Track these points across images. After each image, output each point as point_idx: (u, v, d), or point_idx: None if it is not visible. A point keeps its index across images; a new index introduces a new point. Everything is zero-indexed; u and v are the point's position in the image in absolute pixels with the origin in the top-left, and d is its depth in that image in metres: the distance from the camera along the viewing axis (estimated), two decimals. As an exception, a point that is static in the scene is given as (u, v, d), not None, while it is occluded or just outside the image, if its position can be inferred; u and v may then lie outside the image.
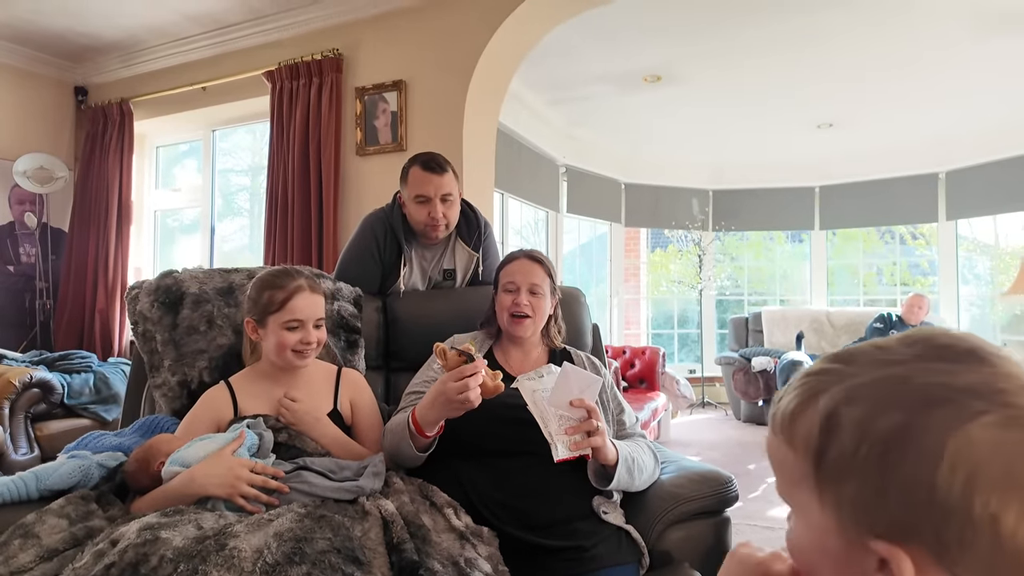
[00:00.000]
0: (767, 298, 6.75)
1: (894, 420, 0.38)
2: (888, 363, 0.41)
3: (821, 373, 0.44)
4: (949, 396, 0.38)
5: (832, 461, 0.40)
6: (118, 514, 1.15)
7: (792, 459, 0.43)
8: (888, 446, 0.38)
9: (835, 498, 0.40)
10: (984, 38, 3.45)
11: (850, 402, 0.41)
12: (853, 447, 0.39)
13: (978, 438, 0.36)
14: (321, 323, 1.39)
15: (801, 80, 4.07)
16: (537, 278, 1.48)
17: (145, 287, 1.64)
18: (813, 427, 0.42)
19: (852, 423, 0.40)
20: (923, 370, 0.40)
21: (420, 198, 1.80)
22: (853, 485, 0.39)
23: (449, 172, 1.82)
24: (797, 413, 0.44)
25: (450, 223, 1.86)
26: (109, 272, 3.80)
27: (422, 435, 1.25)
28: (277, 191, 3.23)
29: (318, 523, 1.05)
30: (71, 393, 3.10)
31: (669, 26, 3.39)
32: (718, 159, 6.00)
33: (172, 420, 1.47)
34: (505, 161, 4.29)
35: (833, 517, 0.41)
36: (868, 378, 0.41)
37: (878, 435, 0.38)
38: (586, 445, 1.21)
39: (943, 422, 0.37)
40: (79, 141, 4.04)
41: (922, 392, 0.39)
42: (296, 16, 3.26)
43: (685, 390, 4.46)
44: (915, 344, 0.42)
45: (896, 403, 0.39)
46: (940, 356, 0.40)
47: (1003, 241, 5.80)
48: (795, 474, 0.43)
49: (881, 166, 5.72)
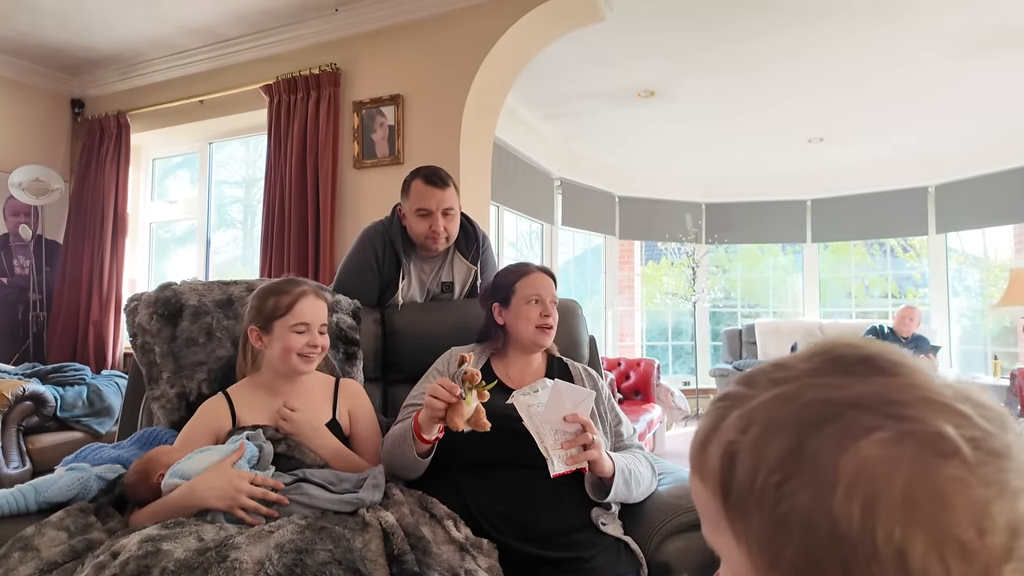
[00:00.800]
0: (760, 310, 6.79)
1: (783, 444, 0.35)
2: (781, 381, 0.38)
3: (725, 399, 0.41)
4: (837, 412, 0.34)
5: (735, 495, 0.37)
6: (117, 526, 1.15)
7: (706, 496, 0.39)
8: (782, 474, 0.34)
9: (745, 535, 0.36)
10: (969, 55, 3.52)
11: (744, 429, 0.37)
12: (750, 478, 0.36)
13: (871, 457, 0.32)
14: (325, 329, 1.41)
15: (792, 95, 4.13)
16: (554, 294, 1.52)
17: (144, 299, 1.64)
18: (715, 460, 0.38)
19: (747, 451, 0.36)
20: (813, 385, 0.36)
21: (422, 211, 1.82)
22: (756, 519, 0.35)
23: (451, 186, 1.84)
24: (704, 445, 0.40)
25: (450, 236, 1.88)
26: (104, 284, 3.79)
27: (421, 439, 1.26)
28: (274, 203, 3.24)
29: (319, 535, 1.06)
30: (64, 406, 3.08)
31: (662, 43, 3.44)
32: (711, 172, 6.07)
33: (170, 432, 1.47)
34: (501, 174, 4.32)
35: (746, 557, 0.36)
36: (761, 400, 0.38)
37: (771, 462, 0.35)
38: (582, 459, 1.22)
39: (832, 442, 0.33)
40: (75, 153, 4.04)
41: (809, 410, 0.35)
42: (294, 31, 3.29)
43: (680, 402, 4.47)
44: (811, 358, 0.39)
45: (784, 424, 0.35)
46: (832, 369, 0.37)
47: (992, 254, 5.87)
48: (711, 512, 0.39)
49: (872, 180, 5.79)
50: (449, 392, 1.18)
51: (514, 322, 1.49)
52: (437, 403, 1.19)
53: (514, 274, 1.53)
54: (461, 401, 1.19)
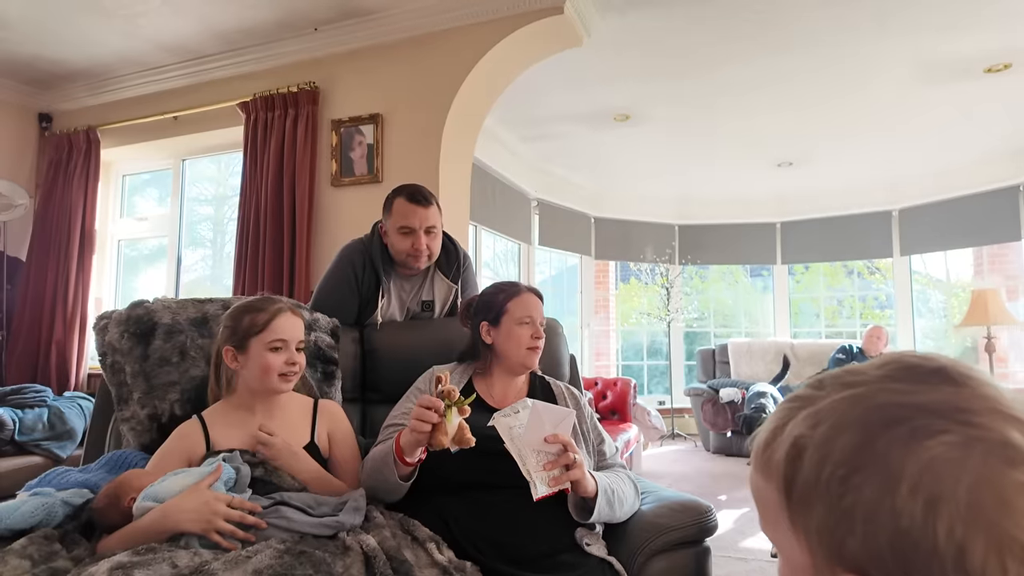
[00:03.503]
0: (732, 330, 6.89)
1: (851, 440, 0.37)
2: (852, 384, 0.40)
3: (793, 400, 0.43)
4: (905, 415, 0.36)
5: (800, 488, 0.39)
6: (84, 554, 1.10)
7: (768, 492, 0.42)
8: (848, 468, 0.36)
9: (805, 528, 0.38)
10: (929, 84, 3.68)
11: (814, 426, 0.39)
12: (816, 471, 0.38)
13: (938, 458, 0.34)
14: (302, 347, 1.38)
15: (762, 121, 4.25)
16: (543, 313, 1.52)
17: (115, 317, 1.60)
18: (781, 455, 0.40)
19: (814, 446, 0.38)
20: (884, 390, 0.38)
21: (404, 229, 1.81)
22: (819, 512, 0.37)
23: (434, 205, 1.83)
24: (769, 443, 0.42)
25: (433, 254, 1.87)
26: (68, 303, 3.67)
27: (403, 462, 1.24)
28: (249, 221, 3.20)
29: (298, 559, 1.03)
30: (23, 429, 2.95)
31: (637, 69, 3.52)
32: (684, 195, 6.18)
33: (141, 455, 1.42)
34: (479, 194, 4.34)
35: (806, 549, 0.38)
36: (831, 400, 0.40)
37: (837, 457, 0.37)
38: (565, 479, 1.21)
39: (900, 441, 0.35)
40: (41, 168, 3.94)
41: (879, 411, 0.37)
42: (272, 49, 3.28)
43: (656, 421, 4.49)
44: (885, 365, 0.41)
45: (853, 423, 0.37)
46: (905, 377, 0.39)
47: (953, 276, 6.07)
48: (772, 508, 0.41)
49: (838, 203, 5.97)
50: (432, 411, 1.17)
51: (504, 342, 1.47)
52: (423, 426, 1.18)
53: (504, 293, 1.51)
54: (443, 420, 1.18)
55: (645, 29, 3.08)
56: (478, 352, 1.52)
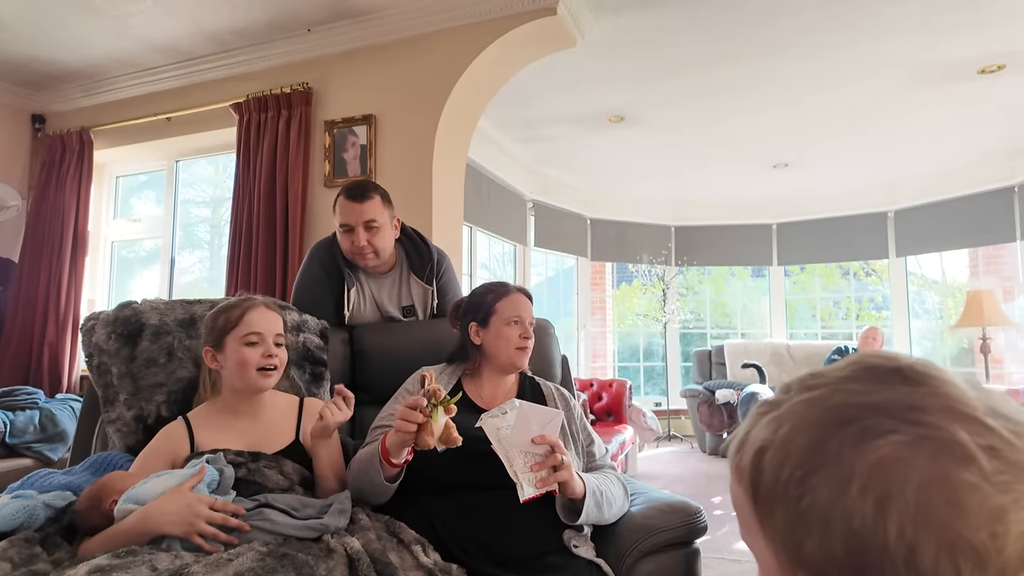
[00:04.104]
0: (728, 331, 6.89)
1: (807, 441, 0.37)
2: (813, 387, 0.40)
3: (762, 405, 0.43)
4: (858, 414, 0.36)
5: (764, 491, 0.39)
6: (64, 557, 1.09)
7: (740, 496, 0.42)
8: (805, 470, 0.36)
9: (771, 531, 0.38)
10: (924, 85, 3.68)
11: (776, 429, 0.39)
12: (776, 474, 0.38)
13: (886, 457, 0.34)
14: (281, 341, 1.36)
15: (757, 122, 4.25)
16: (532, 313, 1.51)
17: (102, 318, 1.59)
18: (748, 458, 0.41)
19: (774, 449, 0.39)
20: (841, 391, 0.39)
21: (344, 227, 1.79)
22: (780, 515, 0.37)
23: (374, 199, 1.78)
24: (739, 448, 0.42)
25: (378, 251, 1.82)
26: (61, 304, 3.66)
27: (389, 463, 1.23)
28: (242, 222, 3.18)
29: (280, 562, 1.02)
30: (13, 431, 2.94)
31: (632, 70, 3.52)
32: (680, 196, 6.18)
33: (126, 457, 1.40)
34: (474, 195, 4.33)
35: (773, 553, 0.38)
36: (792, 402, 0.40)
37: (795, 459, 0.37)
38: (552, 481, 1.20)
39: (851, 441, 0.35)
40: (34, 169, 3.93)
41: (834, 412, 0.37)
42: (265, 50, 3.27)
43: (652, 423, 4.48)
44: (847, 367, 0.41)
45: (810, 425, 0.38)
46: (864, 377, 0.39)
47: (949, 277, 6.08)
48: (745, 512, 0.41)
49: (834, 205, 5.97)
50: (416, 411, 1.16)
51: (493, 342, 1.46)
52: (408, 426, 1.17)
53: (493, 293, 1.51)
54: (428, 420, 1.17)
55: (639, 30, 3.08)
56: (467, 353, 1.51)
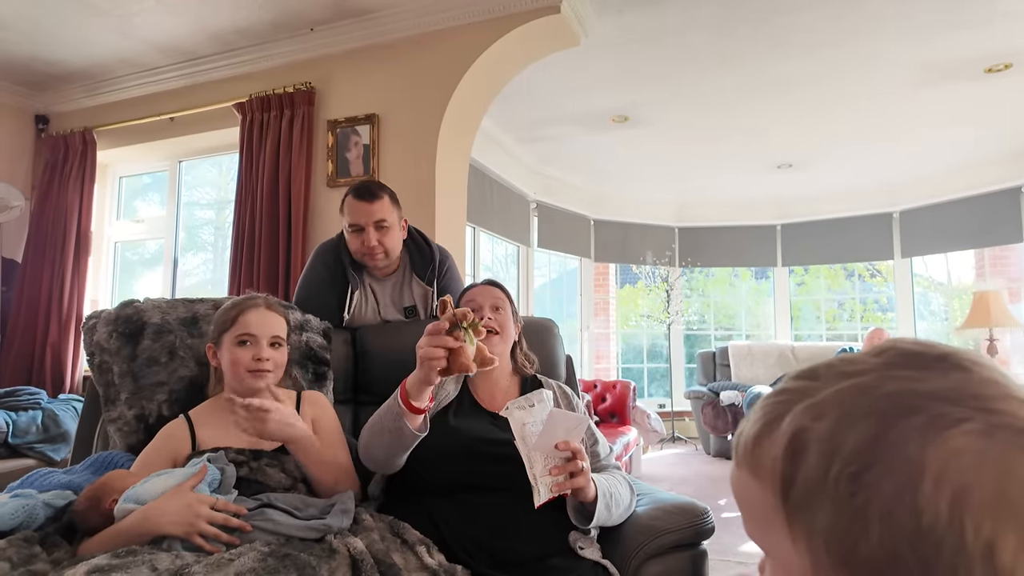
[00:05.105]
0: (733, 333, 6.86)
1: (863, 432, 0.34)
2: (854, 374, 0.37)
3: (784, 392, 0.39)
4: (921, 403, 0.34)
5: (801, 488, 0.35)
6: (64, 557, 1.07)
7: (758, 492, 0.38)
8: (861, 464, 0.33)
9: (807, 531, 0.35)
10: (929, 85, 3.65)
11: (816, 419, 0.36)
12: (822, 469, 0.34)
13: (962, 448, 0.32)
14: (279, 342, 1.34)
15: (761, 123, 4.23)
16: (498, 299, 1.48)
17: (104, 317, 1.58)
18: (778, 452, 0.37)
19: (819, 441, 0.35)
20: (891, 377, 0.36)
21: (353, 227, 1.78)
22: (826, 513, 0.34)
23: (383, 199, 1.78)
24: (760, 438, 0.39)
25: (388, 251, 1.81)
26: (64, 304, 3.66)
27: (410, 407, 1.17)
28: (244, 222, 3.18)
29: (282, 562, 1.00)
30: (16, 432, 2.93)
31: (635, 70, 3.50)
32: (684, 197, 6.16)
33: (127, 456, 1.39)
34: (477, 196, 4.32)
35: (807, 555, 0.35)
36: (832, 390, 0.37)
37: (848, 452, 0.34)
38: (569, 486, 1.17)
39: (918, 432, 0.33)
40: (37, 170, 3.93)
41: (891, 400, 0.34)
42: (268, 50, 3.27)
43: (656, 424, 4.46)
44: (883, 353, 0.38)
45: (864, 413, 0.35)
46: (909, 363, 0.36)
47: (955, 278, 6.05)
48: (763, 509, 0.38)
49: (838, 205, 5.94)
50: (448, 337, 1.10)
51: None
52: (438, 352, 1.10)
53: (463, 292, 1.55)
54: (464, 344, 1.10)
55: (642, 29, 3.07)
56: None
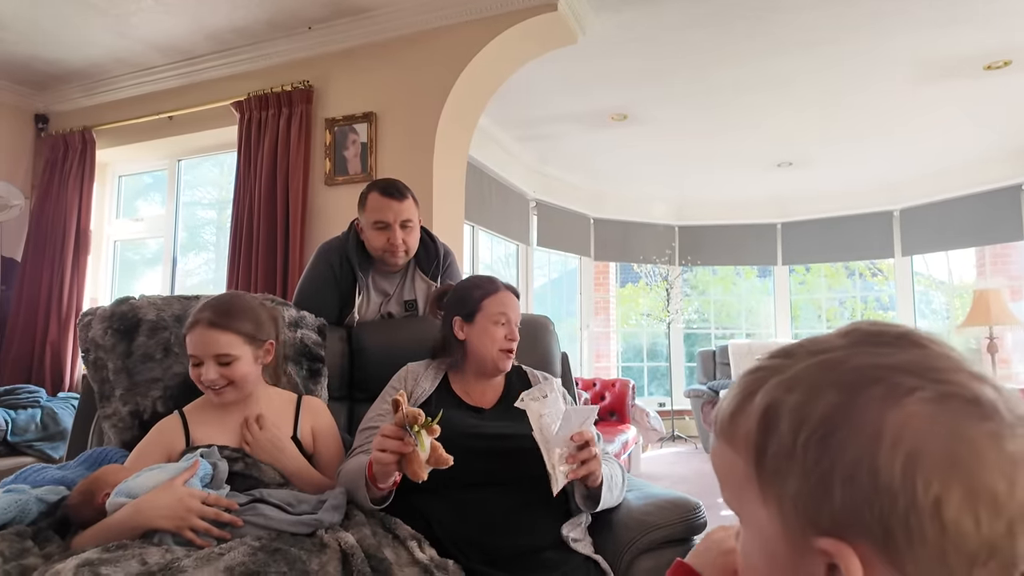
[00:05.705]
0: (733, 331, 6.85)
1: (830, 401, 0.37)
2: (822, 351, 0.41)
3: (759, 370, 0.43)
4: (882, 375, 0.37)
5: (772, 456, 0.39)
6: (56, 551, 1.08)
7: (734, 462, 0.42)
8: (827, 430, 0.37)
9: (778, 497, 0.38)
10: (929, 82, 3.65)
11: (787, 392, 0.39)
12: (792, 437, 0.38)
13: (916, 414, 0.35)
14: (227, 360, 1.26)
15: (761, 120, 4.23)
16: (519, 313, 1.46)
17: (99, 313, 1.58)
18: (752, 424, 0.40)
19: (789, 412, 0.38)
20: (856, 354, 0.39)
21: (379, 224, 1.78)
22: (795, 479, 0.37)
23: (409, 198, 1.79)
24: (736, 412, 0.42)
25: (410, 249, 1.83)
26: (63, 303, 3.67)
27: (377, 487, 1.17)
28: (243, 220, 3.18)
29: (272, 556, 1.01)
30: (15, 430, 2.94)
31: (634, 68, 3.50)
32: (684, 195, 6.15)
33: (121, 452, 1.40)
34: (476, 194, 4.32)
35: (778, 519, 0.39)
36: (803, 365, 0.40)
37: (815, 419, 0.37)
38: (582, 472, 1.18)
39: (879, 399, 0.36)
40: (37, 169, 3.94)
41: (856, 372, 0.38)
42: (265, 49, 3.27)
43: (655, 423, 4.45)
44: (849, 333, 0.42)
45: (831, 385, 0.38)
46: (872, 341, 0.40)
47: (955, 276, 6.03)
48: (738, 478, 0.41)
49: (839, 204, 5.93)
50: (398, 442, 1.06)
51: (477, 340, 1.41)
52: (387, 457, 1.07)
53: (481, 289, 1.45)
54: (416, 449, 1.05)
55: (640, 27, 3.06)
56: (450, 348, 1.47)
